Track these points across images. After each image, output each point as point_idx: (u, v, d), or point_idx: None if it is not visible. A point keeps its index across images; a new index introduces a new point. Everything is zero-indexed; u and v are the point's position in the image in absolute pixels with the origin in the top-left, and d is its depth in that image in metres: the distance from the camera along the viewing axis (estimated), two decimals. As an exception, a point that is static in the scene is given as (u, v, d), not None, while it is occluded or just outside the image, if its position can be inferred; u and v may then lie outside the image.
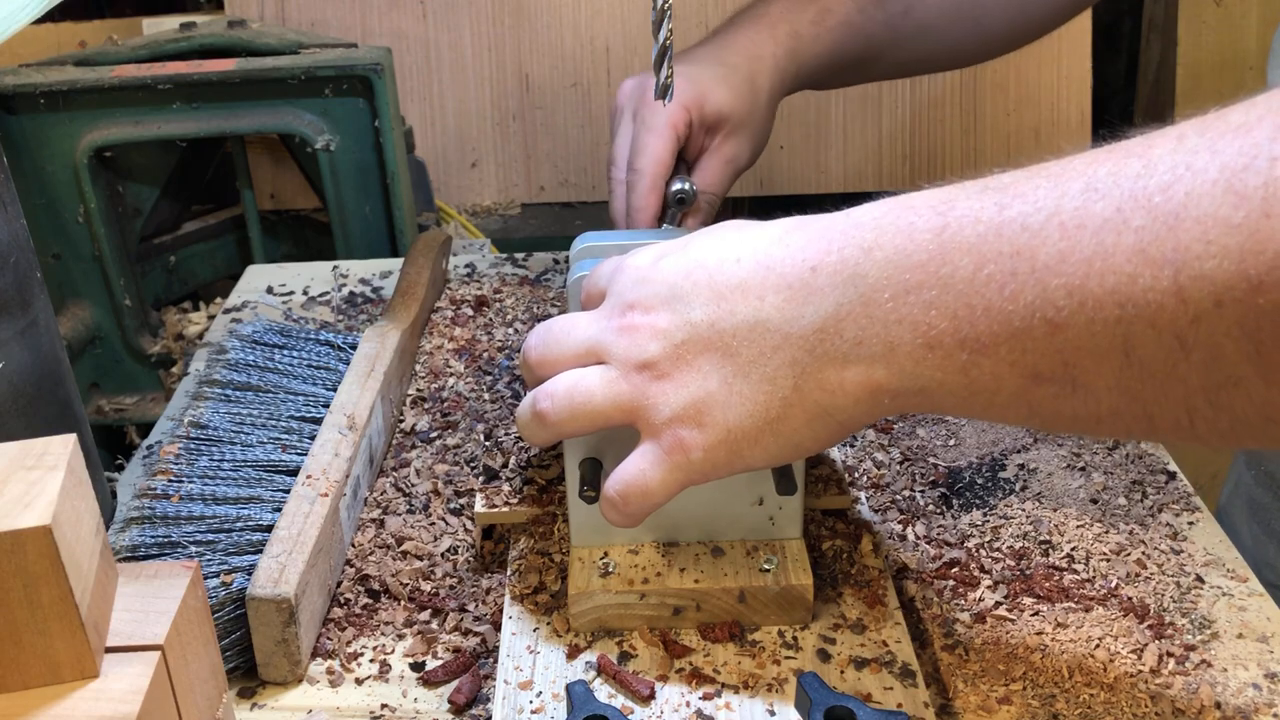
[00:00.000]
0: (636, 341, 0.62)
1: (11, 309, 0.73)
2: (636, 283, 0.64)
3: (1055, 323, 0.50)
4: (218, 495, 0.76)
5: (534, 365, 0.67)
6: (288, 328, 0.93)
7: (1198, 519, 0.81)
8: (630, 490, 0.63)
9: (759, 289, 0.60)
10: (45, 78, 1.31)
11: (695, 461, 0.61)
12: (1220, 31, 1.07)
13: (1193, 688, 0.67)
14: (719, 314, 0.60)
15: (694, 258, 0.63)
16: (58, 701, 0.50)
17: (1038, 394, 0.53)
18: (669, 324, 0.61)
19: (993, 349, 0.53)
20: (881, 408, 0.58)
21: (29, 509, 0.48)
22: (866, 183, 1.57)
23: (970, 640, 0.71)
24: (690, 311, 0.61)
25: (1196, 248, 0.46)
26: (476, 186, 1.63)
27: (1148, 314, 0.48)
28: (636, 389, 0.62)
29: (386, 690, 0.70)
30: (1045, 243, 0.50)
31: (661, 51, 0.84)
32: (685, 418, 0.61)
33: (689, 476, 0.62)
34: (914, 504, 0.82)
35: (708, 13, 1.55)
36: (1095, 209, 0.49)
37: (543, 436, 0.66)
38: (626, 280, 0.65)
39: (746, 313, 0.60)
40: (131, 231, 1.42)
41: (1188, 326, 0.47)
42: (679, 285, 0.62)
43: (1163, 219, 0.47)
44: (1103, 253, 0.49)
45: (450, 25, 1.58)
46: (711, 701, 0.64)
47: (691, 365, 0.61)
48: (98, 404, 1.45)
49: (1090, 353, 0.50)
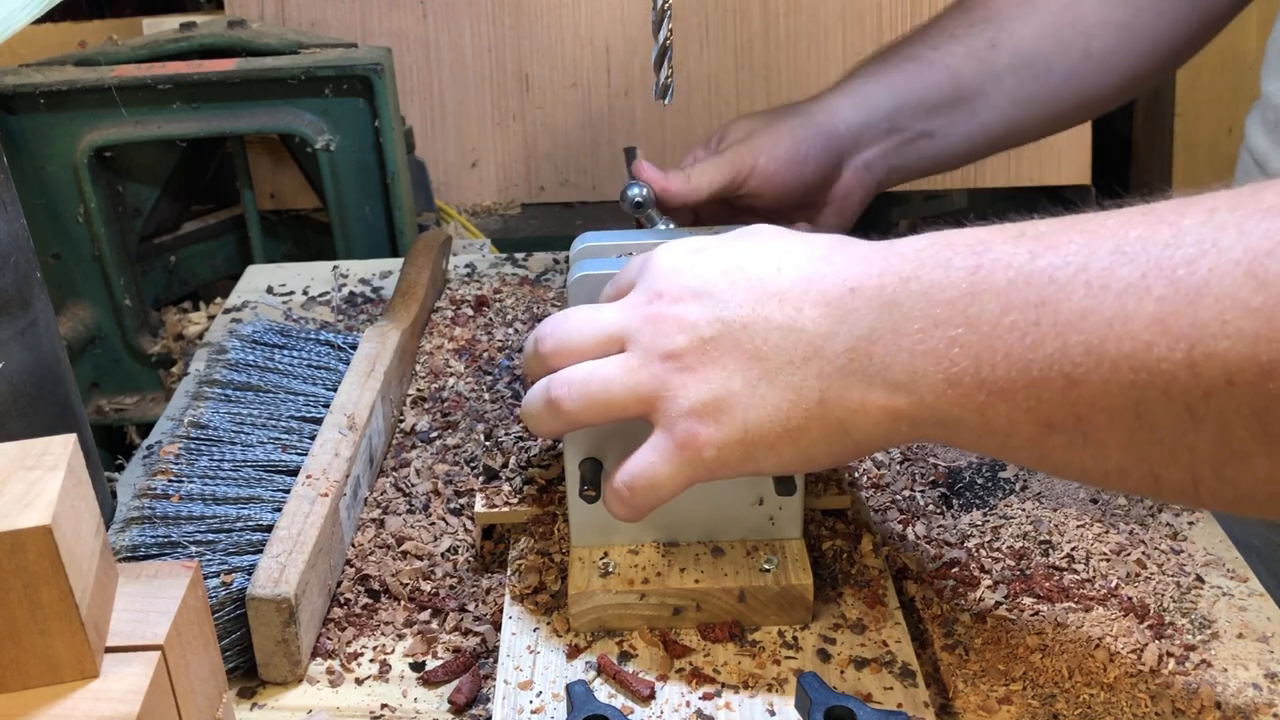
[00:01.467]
0: (663, 330, 0.62)
1: (11, 309, 0.73)
2: (670, 272, 0.64)
3: (1072, 377, 0.51)
4: (218, 495, 0.76)
5: (548, 354, 0.66)
6: (288, 328, 0.93)
7: (1198, 519, 0.81)
8: (638, 483, 0.63)
9: (797, 300, 0.60)
10: (45, 78, 1.31)
11: (707, 459, 0.61)
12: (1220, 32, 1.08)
13: (1193, 688, 0.67)
14: (754, 317, 0.60)
15: (734, 259, 0.63)
16: (58, 701, 0.50)
17: (1050, 443, 0.54)
18: (699, 318, 0.61)
19: (1010, 394, 0.54)
20: (899, 435, 0.59)
21: (29, 509, 0.48)
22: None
23: (970, 640, 0.71)
24: (724, 309, 0.61)
25: (1213, 326, 0.47)
26: (476, 186, 1.63)
27: (1161, 382, 0.49)
28: (657, 379, 0.62)
29: (386, 690, 0.70)
30: (1070, 298, 0.51)
31: (661, 51, 0.84)
32: (704, 412, 0.61)
33: (698, 473, 0.62)
34: (914, 504, 0.82)
35: (708, 13, 1.55)
36: (1121, 272, 0.50)
37: (552, 426, 0.65)
38: (659, 269, 0.64)
39: (782, 320, 0.60)
40: (131, 231, 1.42)
41: (1199, 400, 0.48)
42: (715, 282, 0.62)
43: (1184, 292, 0.48)
44: (1123, 316, 0.49)
45: (450, 25, 1.58)
46: (711, 701, 0.64)
47: (717, 362, 0.61)
48: (98, 404, 1.45)
49: (1104, 410, 0.51)
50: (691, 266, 0.63)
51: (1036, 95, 0.98)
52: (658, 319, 0.62)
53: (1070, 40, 0.97)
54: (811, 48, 1.57)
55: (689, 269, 0.63)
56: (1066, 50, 0.97)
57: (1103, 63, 0.97)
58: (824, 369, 0.59)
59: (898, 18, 1.57)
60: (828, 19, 1.56)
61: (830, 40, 1.57)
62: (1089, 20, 0.97)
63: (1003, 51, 0.97)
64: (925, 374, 0.56)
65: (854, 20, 1.57)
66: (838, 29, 1.57)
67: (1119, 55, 0.97)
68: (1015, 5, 0.98)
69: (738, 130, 0.97)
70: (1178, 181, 1.65)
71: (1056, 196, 1.64)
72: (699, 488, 0.64)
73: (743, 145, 0.94)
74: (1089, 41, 0.97)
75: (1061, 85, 0.98)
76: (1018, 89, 0.98)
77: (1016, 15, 0.98)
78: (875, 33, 1.57)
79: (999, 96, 0.98)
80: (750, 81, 1.57)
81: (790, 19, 1.56)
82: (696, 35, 1.55)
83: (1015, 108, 0.98)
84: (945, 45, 0.98)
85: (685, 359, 0.61)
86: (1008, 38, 0.97)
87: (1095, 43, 0.97)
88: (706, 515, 0.71)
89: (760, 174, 0.93)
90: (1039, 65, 0.97)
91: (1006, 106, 0.98)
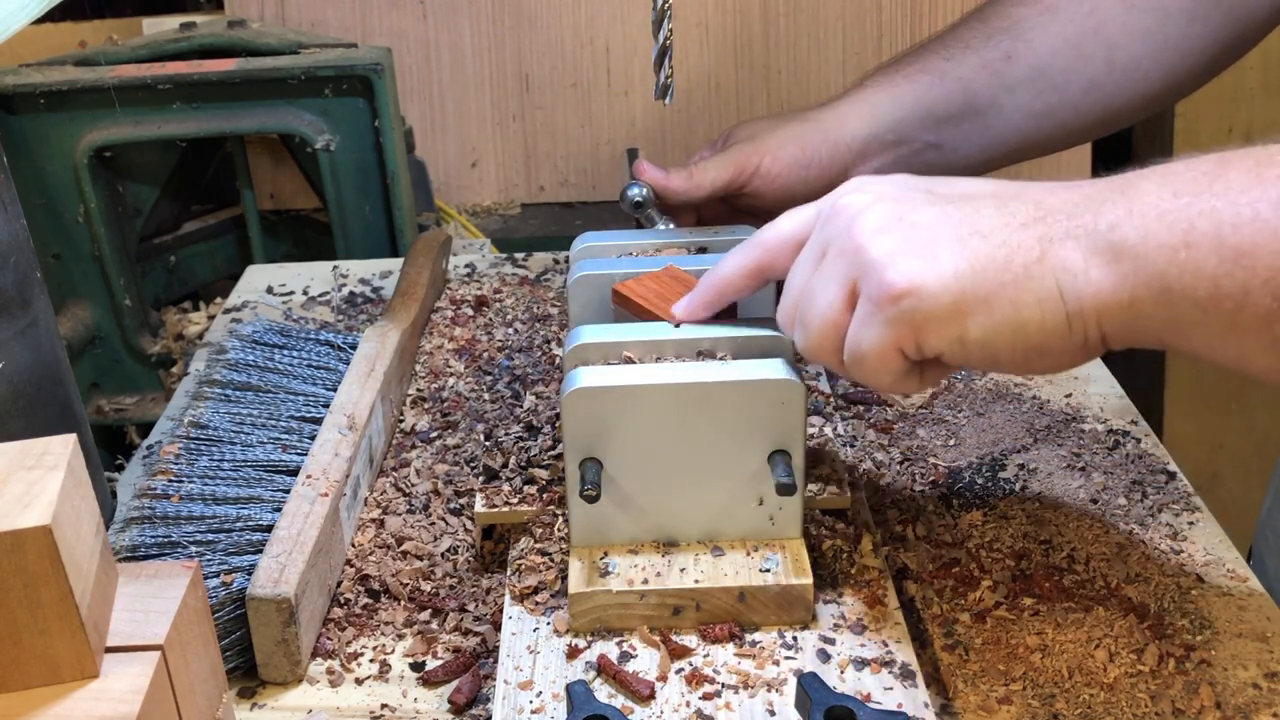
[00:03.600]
0: None
1: (11, 309, 0.73)
2: (872, 232, 0.63)
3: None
4: (218, 495, 0.76)
5: (814, 350, 0.66)
6: (288, 328, 0.93)
7: (1198, 519, 0.81)
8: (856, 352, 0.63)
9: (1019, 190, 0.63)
10: (45, 78, 1.31)
11: (907, 308, 0.60)
12: (1220, 31, 1.08)
13: (1193, 688, 0.67)
14: (970, 211, 0.62)
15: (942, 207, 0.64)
16: (58, 701, 0.50)
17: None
18: None
19: (1251, 255, 0.55)
20: (1114, 312, 0.59)
21: (29, 509, 0.48)
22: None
23: (970, 640, 0.71)
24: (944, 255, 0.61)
25: None
26: (476, 186, 1.63)
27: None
28: None
29: (386, 690, 0.70)
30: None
31: (661, 51, 0.84)
32: (909, 252, 0.61)
33: (900, 330, 0.61)
34: (914, 504, 0.82)
35: (708, 13, 1.55)
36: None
37: (902, 383, 0.65)
38: (856, 228, 0.64)
39: (1000, 202, 0.62)
40: (131, 231, 1.42)
41: None
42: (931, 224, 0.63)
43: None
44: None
45: (450, 25, 1.58)
46: (711, 701, 0.64)
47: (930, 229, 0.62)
48: (98, 404, 1.45)
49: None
50: (890, 221, 0.63)
51: (1055, 108, 0.96)
52: (891, 299, 0.61)
53: (1092, 51, 0.94)
54: (811, 48, 1.57)
55: (889, 226, 0.63)
56: (1088, 61, 0.95)
57: (1127, 73, 0.95)
58: (1046, 232, 0.59)
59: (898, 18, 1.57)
60: (828, 19, 1.56)
61: (830, 40, 1.57)
62: (1112, 28, 0.94)
63: (1019, 64, 0.95)
64: (1158, 235, 0.57)
65: (854, 20, 1.56)
66: (838, 29, 1.56)
67: (1145, 65, 0.94)
68: (1037, 14, 0.96)
69: (743, 131, 0.96)
70: (1178, 181, 1.65)
71: (1056, 196, 1.64)
72: (700, 487, 0.64)
73: (748, 145, 0.94)
74: (1112, 51, 0.94)
75: (1082, 97, 0.96)
76: (1033, 101, 0.96)
77: (1036, 25, 0.96)
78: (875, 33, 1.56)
79: (1013, 110, 0.96)
80: (750, 81, 1.57)
81: (790, 19, 1.56)
82: (696, 35, 1.55)
83: (1031, 120, 0.97)
84: (959, 56, 0.96)
85: None
86: (1025, 48, 0.95)
87: (1120, 52, 0.94)
88: (706, 515, 0.71)
89: (763, 175, 0.93)
90: (1056, 77, 0.95)
91: (1021, 120, 0.97)
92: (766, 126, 0.96)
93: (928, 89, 0.96)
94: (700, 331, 0.72)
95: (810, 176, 0.94)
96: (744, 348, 0.72)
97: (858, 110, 0.97)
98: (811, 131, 0.95)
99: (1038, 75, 0.95)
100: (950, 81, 0.96)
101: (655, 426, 0.69)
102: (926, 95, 0.96)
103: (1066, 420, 0.90)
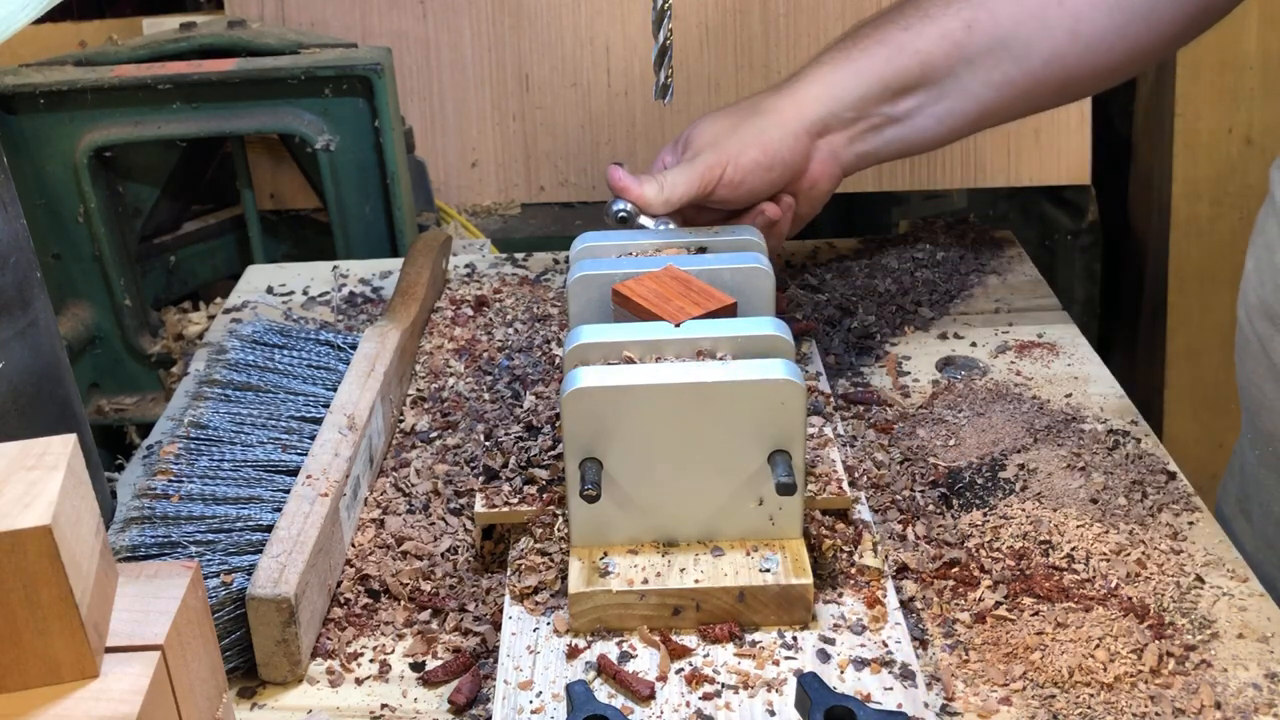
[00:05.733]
0: None
1: (11, 309, 0.73)
2: None
3: None
4: (218, 495, 0.76)
5: None
6: (288, 328, 0.93)
7: (1198, 519, 0.81)
8: None
9: None
10: (45, 78, 1.31)
11: None
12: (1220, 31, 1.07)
13: (1193, 688, 0.67)
14: None
15: None
16: (58, 701, 0.50)
17: None
18: None
19: None
20: None
21: (29, 509, 0.48)
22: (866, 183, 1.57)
23: (970, 640, 0.71)
24: None
25: None
26: (476, 186, 1.63)
27: None
28: None
29: (386, 690, 0.70)
30: None
31: (661, 51, 0.84)
32: None
33: None
34: (914, 504, 0.82)
35: (708, 13, 1.55)
36: None
37: None
38: None
39: None
40: (131, 231, 1.42)
41: None
42: None
43: None
44: None
45: (450, 25, 1.58)
46: (711, 701, 0.64)
47: None
48: (98, 404, 1.45)
49: None
50: None
51: (1014, 78, 0.96)
52: None
53: (1056, 21, 0.94)
54: (812, 48, 1.57)
55: None
56: (1050, 32, 0.94)
57: (1091, 45, 0.94)
58: None
59: (898, 18, 1.57)
60: (828, 19, 1.56)
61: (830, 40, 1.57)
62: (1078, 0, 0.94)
63: (979, 33, 0.95)
64: None
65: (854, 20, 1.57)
66: (837, 29, 1.56)
67: (1110, 38, 0.94)
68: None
69: (703, 135, 0.96)
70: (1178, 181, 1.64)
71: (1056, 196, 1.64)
72: (699, 487, 0.64)
73: (710, 154, 0.93)
74: (1077, 23, 0.94)
75: (1042, 68, 0.95)
76: (992, 72, 0.95)
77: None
78: (875, 33, 1.57)
79: (972, 80, 0.96)
80: (750, 81, 1.57)
81: (790, 19, 1.56)
82: (696, 35, 1.55)
83: (990, 90, 0.97)
84: (917, 26, 0.96)
85: None
86: (986, 17, 0.95)
87: (1084, 25, 0.94)
88: (706, 515, 0.71)
89: (727, 183, 0.93)
90: (1017, 48, 0.94)
91: (979, 89, 0.96)
92: (726, 128, 0.95)
93: (885, 63, 0.96)
94: (700, 331, 0.72)
95: (774, 176, 0.95)
96: (744, 348, 0.72)
97: (815, 92, 0.97)
98: (771, 128, 0.95)
99: (998, 46, 0.95)
100: (908, 55, 0.96)
101: (655, 426, 0.69)
102: (885, 70, 0.96)
103: (1066, 420, 0.90)
